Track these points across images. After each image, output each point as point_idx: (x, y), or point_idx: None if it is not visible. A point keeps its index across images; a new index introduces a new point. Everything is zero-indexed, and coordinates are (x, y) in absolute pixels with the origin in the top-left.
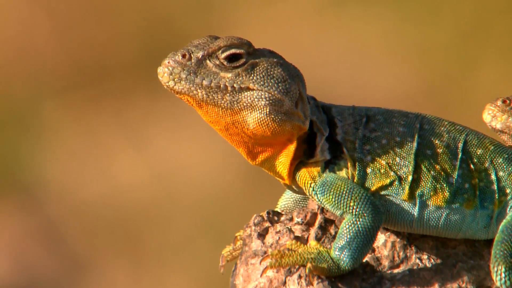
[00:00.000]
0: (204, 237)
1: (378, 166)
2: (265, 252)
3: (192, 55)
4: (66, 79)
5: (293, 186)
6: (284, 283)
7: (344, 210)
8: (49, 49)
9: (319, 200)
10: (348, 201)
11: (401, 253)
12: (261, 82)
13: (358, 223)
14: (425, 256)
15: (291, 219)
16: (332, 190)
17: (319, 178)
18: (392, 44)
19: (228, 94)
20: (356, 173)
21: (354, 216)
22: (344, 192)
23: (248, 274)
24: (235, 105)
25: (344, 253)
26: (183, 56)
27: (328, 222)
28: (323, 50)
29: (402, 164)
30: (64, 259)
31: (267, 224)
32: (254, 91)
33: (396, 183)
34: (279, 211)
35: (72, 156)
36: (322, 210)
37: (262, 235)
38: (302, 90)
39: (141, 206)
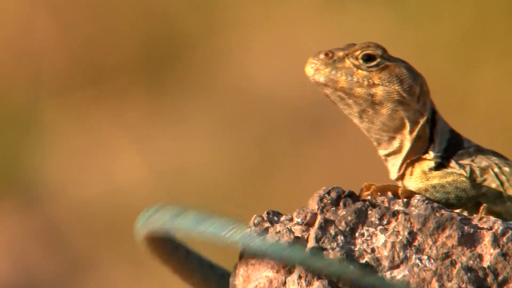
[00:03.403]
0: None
1: None
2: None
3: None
4: (66, 79)
5: None
6: (284, 283)
7: None
8: (49, 49)
9: None
10: None
11: (401, 253)
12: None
13: None
14: (425, 256)
15: (291, 219)
16: None
17: None
18: (392, 44)
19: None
20: None
21: None
22: None
23: (248, 275)
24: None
25: None
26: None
27: (328, 222)
28: (323, 49)
29: None
30: (64, 259)
31: (267, 224)
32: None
33: None
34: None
35: (73, 156)
36: (322, 210)
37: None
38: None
39: (141, 206)
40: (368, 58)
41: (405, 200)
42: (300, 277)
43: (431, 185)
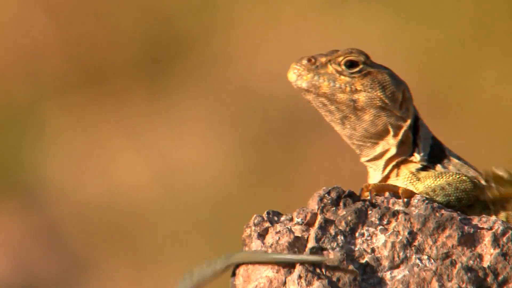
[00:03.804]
0: (204, 237)
1: None
2: (265, 253)
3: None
4: (66, 79)
5: None
6: (284, 283)
7: None
8: (49, 49)
9: None
10: None
11: (401, 253)
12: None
13: None
14: (425, 256)
15: (291, 219)
16: None
17: None
18: (392, 44)
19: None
20: None
21: None
22: None
23: (248, 275)
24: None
25: None
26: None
27: (328, 222)
28: (323, 49)
29: None
30: (64, 259)
31: (267, 224)
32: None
33: None
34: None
35: (72, 156)
36: (322, 210)
37: (262, 235)
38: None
39: (141, 206)
40: (351, 64)
41: (405, 200)
42: (300, 277)
43: (431, 188)
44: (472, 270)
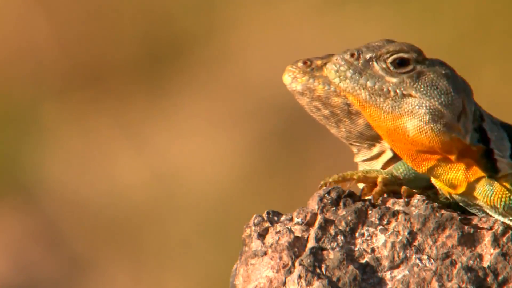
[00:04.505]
0: (204, 237)
1: None
2: (265, 253)
3: (361, 56)
4: (66, 79)
5: (459, 197)
6: (284, 283)
7: None
8: (49, 49)
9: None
10: None
11: (401, 253)
12: (424, 91)
13: None
14: (425, 256)
15: (291, 219)
16: None
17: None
18: None
19: (390, 99)
20: None
21: None
22: None
23: (248, 275)
24: (396, 110)
25: None
26: (352, 55)
27: (328, 222)
28: (323, 50)
29: None
30: (64, 259)
31: (267, 224)
32: (416, 99)
33: None
34: (397, 174)
35: (72, 156)
36: (322, 210)
37: (262, 235)
38: (466, 105)
39: (141, 206)
40: None
41: (405, 199)
42: (300, 277)
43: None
44: (472, 270)
